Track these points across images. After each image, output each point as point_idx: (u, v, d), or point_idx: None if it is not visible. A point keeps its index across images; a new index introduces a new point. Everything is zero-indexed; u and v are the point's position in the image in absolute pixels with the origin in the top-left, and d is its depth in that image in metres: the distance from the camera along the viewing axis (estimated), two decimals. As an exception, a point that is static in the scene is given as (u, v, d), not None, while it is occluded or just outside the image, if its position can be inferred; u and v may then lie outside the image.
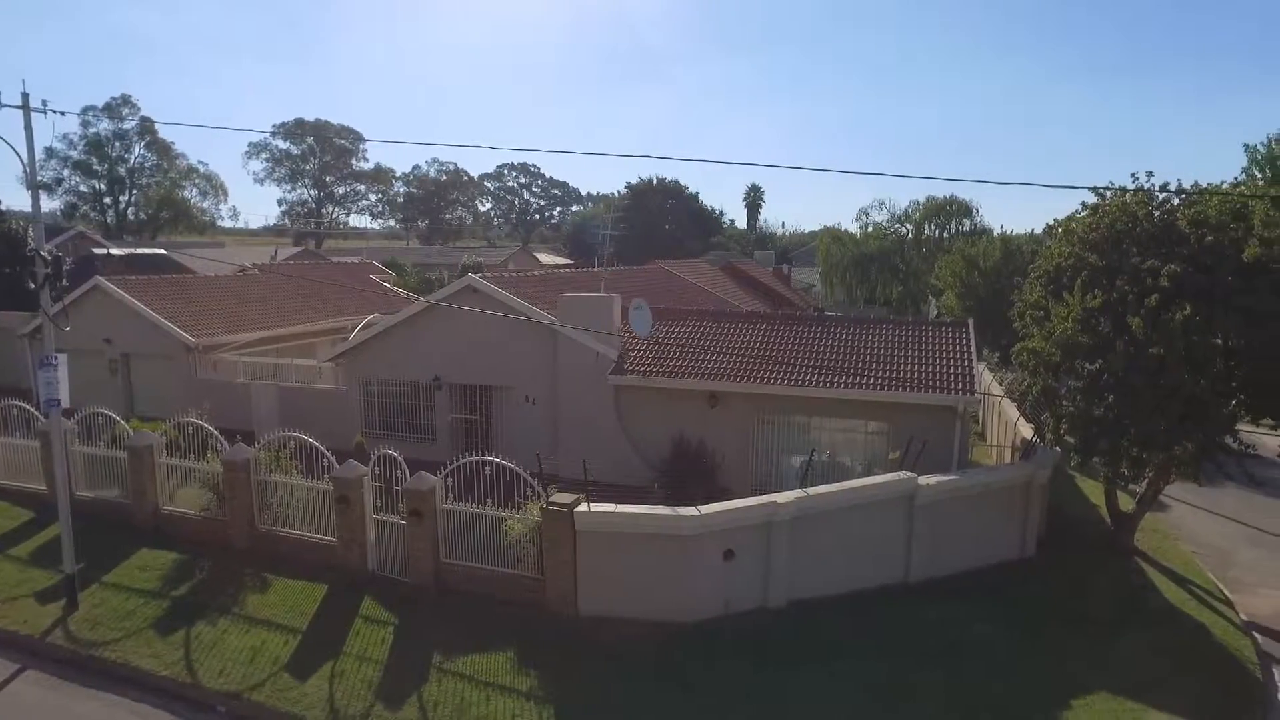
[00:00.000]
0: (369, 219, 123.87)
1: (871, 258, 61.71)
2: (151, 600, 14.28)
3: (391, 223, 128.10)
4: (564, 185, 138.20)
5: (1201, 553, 18.99)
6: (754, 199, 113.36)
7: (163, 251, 44.68)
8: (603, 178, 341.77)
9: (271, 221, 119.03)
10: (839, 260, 63.23)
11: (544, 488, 13.95)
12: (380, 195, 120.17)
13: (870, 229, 64.85)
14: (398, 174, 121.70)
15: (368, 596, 14.26)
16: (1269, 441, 17.02)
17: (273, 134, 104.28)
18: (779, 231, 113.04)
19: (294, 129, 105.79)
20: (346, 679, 12.02)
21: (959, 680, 12.25)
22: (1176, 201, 16.49)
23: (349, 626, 13.36)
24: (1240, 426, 15.73)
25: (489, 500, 14.19)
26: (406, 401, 22.60)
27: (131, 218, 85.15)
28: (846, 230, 67.61)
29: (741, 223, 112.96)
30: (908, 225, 62.88)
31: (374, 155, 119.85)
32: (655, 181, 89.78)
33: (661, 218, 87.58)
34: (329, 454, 15.27)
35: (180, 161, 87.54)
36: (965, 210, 59.77)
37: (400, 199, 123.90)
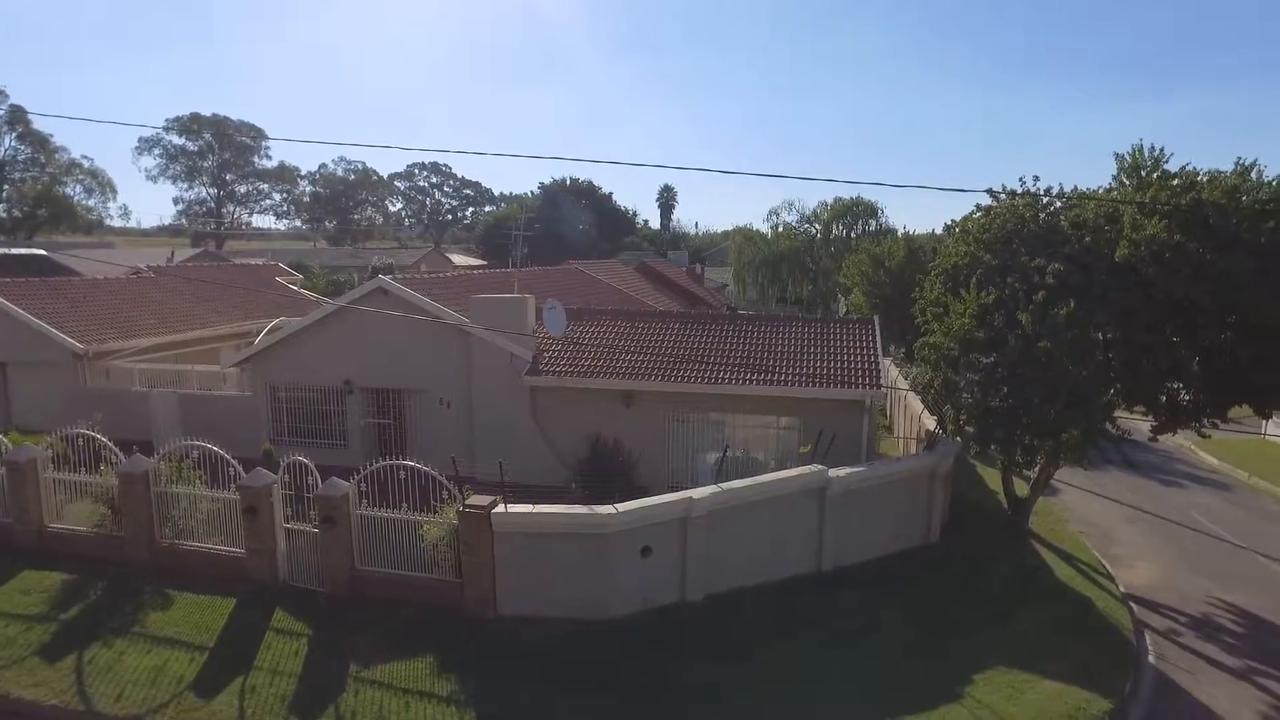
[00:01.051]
0: (273, 219, 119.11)
1: (782, 257, 63.40)
2: (36, 625, 13.37)
3: (297, 223, 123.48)
4: (476, 185, 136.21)
5: (1087, 532, 20.35)
6: (667, 199, 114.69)
7: (42, 252, 41.88)
8: (516, 177, 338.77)
9: (167, 221, 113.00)
10: (751, 260, 64.72)
11: (460, 490, 13.84)
12: (285, 195, 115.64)
13: (781, 229, 66.63)
14: (303, 173, 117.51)
15: (279, 608, 13.81)
16: (1142, 426, 18.38)
17: (165, 129, 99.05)
18: (692, 231, 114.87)
19: (189, 124, 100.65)
20: (258, 694, 11.64)
21: (869, 663, 12.80)
22: (1059, 204, 17.61)
23: (260, 640, 12.91)
24: (1117, 414, 16.92)
25: (404, 505, 13.96)
26: (317, 407, 21.93)
27: (4, 215, 79.27)
28: (758, 230, 69.35)
29: (655, 223, 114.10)
30: (817, 225, 64.80)
31: (278, 153, 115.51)
32: (569, 181, 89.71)
33: (575, 218, 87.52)
34: (235, 463, 14.73)
35: (60, 156, 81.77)
36: (871, 211, 62.05)
37: (306, 199, 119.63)
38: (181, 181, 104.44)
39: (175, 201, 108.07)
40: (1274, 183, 16.37)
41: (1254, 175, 16.62)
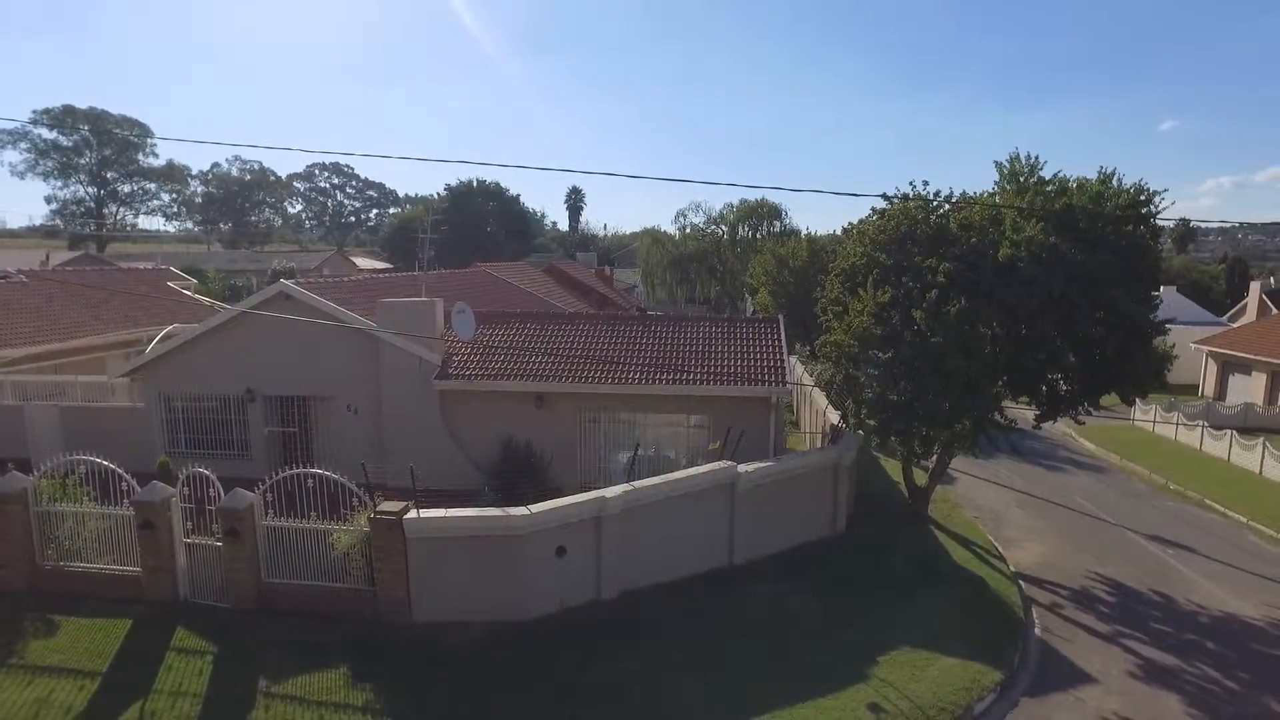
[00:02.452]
0: (162, 221, 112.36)
1: (690, 258, 64.47)
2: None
3: (189, 225, 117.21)
4: (380, 186, 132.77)
5: (981, 516, 21.58)
6: (575, 201, 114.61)
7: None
8: (421, 179, 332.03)
9: (38, 221, 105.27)
10: (659, 261, 65.54)
11: (371, 497, 13.60)
12: (175, 195, 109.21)
13: (688, 230, 67.74)
14: (194, 172, 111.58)
15: (181, 627, 13.22)
16: (1027, 416, 19.63)
17: (33, 122, 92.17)
18: (601, 233, 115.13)
19: (61, 117, 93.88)
20: (158, 718, 11.14)
21: (779, 651, 13.23)
22: (948, 207, 18.62)
23: (160, 661, 12.31)
24: (1005, 404, 18.03)
25: (313, 514, 13.62)
26: (216, 417, 21.02)
27: None
28: (666, 232, 70.27)
29: (564, 224, 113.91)
30: (723, 227, 66.14)
31: (166, 152, 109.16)
32: (475, 183, 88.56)
33: (483, 220, 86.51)
34: (129, 477, 14.03)
35: (-99, 149, 74.78)
36: (775, 213, 63.78)
37: (198, 200, 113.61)
38: (54, 179, 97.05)
39: (48, 200, 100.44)
40: (1131, 190, 17.81)
41: (1114, 182, 18.03)
